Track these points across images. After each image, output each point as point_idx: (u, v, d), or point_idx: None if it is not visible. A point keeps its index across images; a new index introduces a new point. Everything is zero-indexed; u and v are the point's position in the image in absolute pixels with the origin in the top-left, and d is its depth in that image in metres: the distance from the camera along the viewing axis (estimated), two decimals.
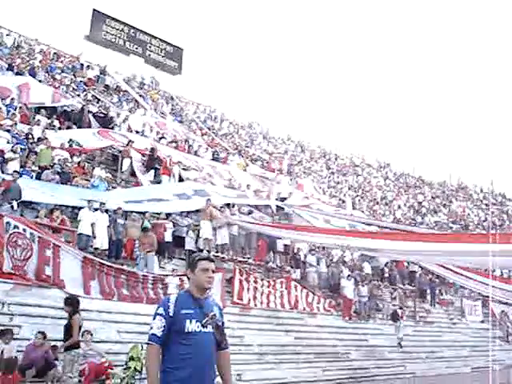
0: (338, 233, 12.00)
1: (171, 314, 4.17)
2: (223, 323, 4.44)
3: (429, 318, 24.55)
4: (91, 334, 11.27)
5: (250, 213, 21.07)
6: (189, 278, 4.49)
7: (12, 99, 21.19)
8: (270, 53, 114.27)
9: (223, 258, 18.20)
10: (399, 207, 40.25)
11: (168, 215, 17.95)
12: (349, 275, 21.48)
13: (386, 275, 24.52)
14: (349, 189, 40.29)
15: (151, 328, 4.19)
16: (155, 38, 41.44)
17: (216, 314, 4.32)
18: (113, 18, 38.86)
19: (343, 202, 34.40)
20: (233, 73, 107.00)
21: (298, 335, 17.65)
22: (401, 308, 22.75)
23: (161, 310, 4.21)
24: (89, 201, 15.03)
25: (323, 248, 22.01)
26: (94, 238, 14.88)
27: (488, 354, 21.73)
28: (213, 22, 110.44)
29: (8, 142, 17.18)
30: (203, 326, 4.20)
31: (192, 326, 4.17)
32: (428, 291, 25.75)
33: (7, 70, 24.77)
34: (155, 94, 37.46)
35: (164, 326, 4.15)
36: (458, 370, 21.21)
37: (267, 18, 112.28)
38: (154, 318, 4.21)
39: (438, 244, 9.16)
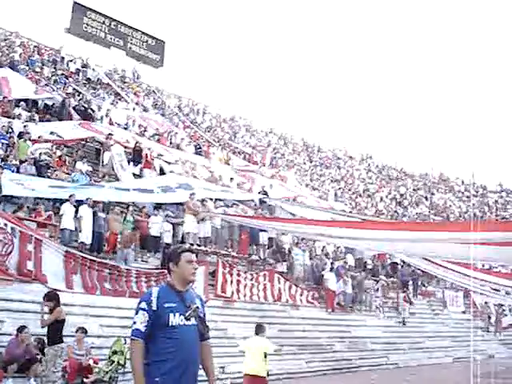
0: (321, 223, 11.99)
1: (154, 308, 4.14)
2: (205, 314, 4.43)
3: (411, 310, 24.72)
4: (85, 332, 11.22)
5: (232, 205, 21.05)
6: (169, 272, 4.46)
7: None
8: (252, 45, 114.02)
9: (206, 251, 18.18)
10: (381, 199, 40.47)
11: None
12: (331, 267, 21.57)
13: (369, 267, 24.64)
14: (331, 181, 40.43)
15: (134, 323, 4.15)
16: (137, 30, 41.25)
17: (198, 305, 4.31)
18: (93, 11, 38.60)
19: (326, 194, 34.53)
20: (215, 66, 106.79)
21: (282, 327, 17.69)
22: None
23: (143, 305, 4.17)
24: (70, 195, 14.91)
25: (306, 240, 22.03)
26: (80, 231, 14.79)
27: (469, 345, 21.99)
28: (194, 14, 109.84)
29: None
30: (186, 318, 4.19)
31: (175, 319, 4.15)
32: (410, 282, 25.93)
33: None
34: (137, 87, 37.25)
35: (147, 321, 4.11)
36: (439, 361, 21.44)
37: (248, 8, 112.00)
38: (137, 313, 4.17)
39: (419, 233, 9.20)
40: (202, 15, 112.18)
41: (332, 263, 22.12)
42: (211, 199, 19.82)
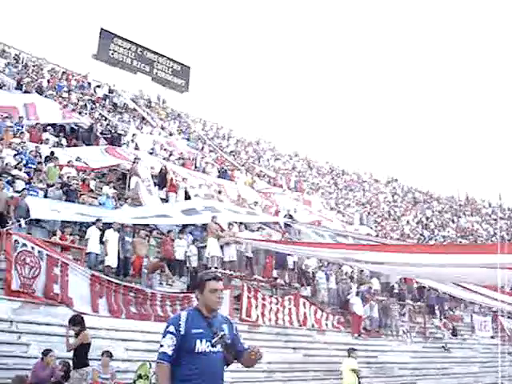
0: (346, 247, 11.92)
1: (182, 333, 4.13)
2: (236, 335, 4.40)
3: (438, 334, 24.34)
4: (110, 356, 11.21)
5: (258, 229, 21.04)
6: (197, 298, 4.44)
7: (20, 117, 21.35)
8: (277, 70, 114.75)
9: (231, 275, 18.14)
10: (408, 222, 40.14)
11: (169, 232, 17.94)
12: (357, 292, 21.37)
13: (396, 291, 24.36)
14: (356, 204, 40.23)
15: (162, 346, 4.14)
16: (162, 56, 41.84)
17: (225, 332, 4.26)
18: (120, 37, 39.30)
19: (351, 218, 34.36)
20: (240, 90, 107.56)
21: (307, 352, 17.53)
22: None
23: (172, 328, 4.16)
24: (97, 219, 15.04)
25: (331, 264, 21.89)
26: (106, 255, 14.89)
27: (498, 370, 21.53)
28: (219, 39, 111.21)
29: (16, 161, 17.30)
30: (212, 345, 4.16)
31: (202, 346, 4.13)
32: (437, 307, 25.55)
33: (16, 88, 25.06)
34: (162, 112, 37.67)
35: (175, 345, 4.10)
36: None
37: (274, 35, 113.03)
38: (165, 336, 4.15)
39: (446, 256, 9.07)
40: (227, 40, 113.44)
41: (358, 287, 21.92)
42: (236, 223, 19.83)
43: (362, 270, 23.12)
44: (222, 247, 18.05)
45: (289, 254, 19.68)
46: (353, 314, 20.60)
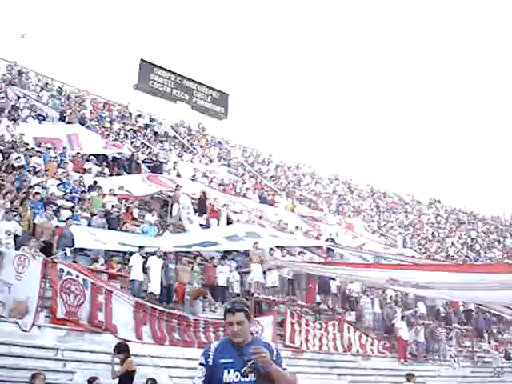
0: (391, 267, 11.76)
1: (210, 364, 4.07)
2: (276, 360, 4.12)
3: (487, 359, 23.68)
4: (155, 383, 11.20)
5: (299, 253, 20.94)
6: None
7: (64, 148, 21.80)
8: (315, 94, 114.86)
9: (274, 300, 18.06)
10: (452, 244, 39.39)
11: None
12: (402, 316, 20.99)
13: (442, 315, 23.84)
14: (399, 227, 39.73)
15: (193, 378, 4.14)
16: (201, 84, 42.35)
17: (255, 361, 3.96)
18: (160, 67, 39.98)
19: (394, 240, 33.93)
20: (279, 115, 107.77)
21: (353, 379, 17.25)
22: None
23: (202, 359, 4.12)
24: (140, 247, 15.19)
25: (375, 288, 21.59)
26: (149, 282, 14.99)
27: None
28: (257, 66, 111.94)
29: (60, 190, 17.65)
30: (243, 375, 4.00)
31: (230, 376, 4.01)
32: (485, 330, 24.90)
33: (59, 120, 25.64)
34: (203, 139, 38.05)
35: (204, 376, 4.06)
36: None
37: (311, 60, 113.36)
38: (197, 368, 4.14)
39: (491, 275, 8.87)
40: (264, 66, 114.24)
41: (402, 311, 21.54)
42: (278, 247, 19.78)
43: (407, 294, 22.74)
44: (264, 272, 18.02)
45: (332, 279, 19.52)
46: (398, 338, 20.22)
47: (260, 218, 23.67)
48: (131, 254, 15.41)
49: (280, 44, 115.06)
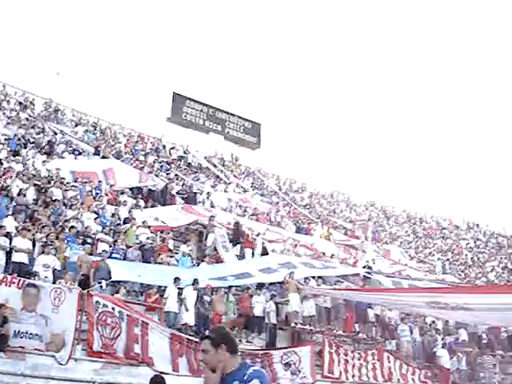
0: (429, 291, 11.50)
1: None
2: None
3: None
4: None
5: (336, 283, 20.68)
6: None
7: (99, 182, 22.08)
8: (348, 120, 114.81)
9: (311, 330, 17.80)
10: (493, 269, 38.53)
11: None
12: (444, 343, 20.46)
13: (484, 341, 23.16)
14: (437, 252, 39.09)
15: None
16: (233, 115, 42.69)
17: None
18: (192, 100, 40.48)
19: (433, 266, 33.37)
20: (311, 143, 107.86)
21: None
22: None
23: None
24: (175, 278, 15.16)
25: (414, 315, 21.13)
26: (187, 311, 14.90)
27: None
28: (288, 94, 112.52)
29: (98, 224, 17.82)
30: None
31: None
32: None
33: (94, 154, 26.04)
34: (236, 170, 38.21)
35: None
36: None
37: (341, 87, 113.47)
38: None
39: None
40: (295, 94, 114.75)
41: (443, 339, 21.00)
42: (314, 277, 19.57)
43: (448, 321, 22.22)
44: (301, 302, 17.82)
45: (369, 307, 19.20)
46: (440, 367, 19.69)
47: (295, 246, 23.51)
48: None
49: (311, 72, 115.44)
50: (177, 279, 15.15)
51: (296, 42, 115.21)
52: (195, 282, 15.38)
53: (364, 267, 23.39)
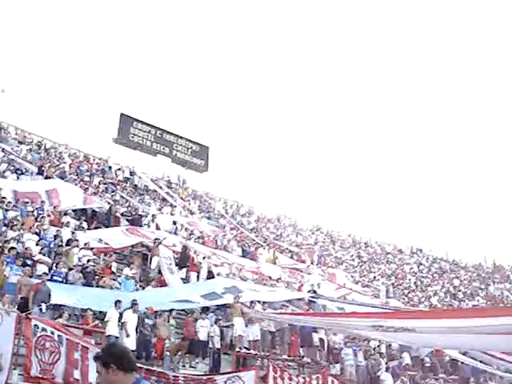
0: (374, 316, 11.57)
1: None
2: None
3: None
4: None
5: (282, 307, 20.65)
6: None
7: (42, 202, 21.56)
8: (295, 146, 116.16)
9: (256, 354, 17.67)
10: (435, 293, 39.29)
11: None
12: (387, 367, 20.61)
13: (427, 365, 23.45)
14: (382, 277, 39.62)
15: None
16: (181, 137, 42.62)
17: None
18: (140, 121, 40.22)
19: (377, 290, 33.77)
20: (259, 167, 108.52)
21: None
22: None
23: None
24: (116, 302, 14.85)
25: (358, 339, 21.24)
26: (128, 336, 14.56)
27: None
28: (236, 118, 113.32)
29: (37, 245, 17.35)
30: None
31: None
32: (472, 379, 24.48)
33: (37, 174, 25.46)
34: (183, 192, 38.02)
35: None
36: None
37: (292, 111, 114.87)
38: None
39: (475, 320, 8.73)
40: (243, 119, 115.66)
41: (387, 363, 21.16)
42: (259, 301, 19.50)
43: (390, 345, 22.42)
44: (246, 326, 17.70)
45: (314, 330, 19.20)
46: None
47: (240, 270, 23.43)
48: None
49: (259, 98, 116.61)
50: (118, 302, 14.82)
51: (242, 66, 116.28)
52: (133, 304, 15.09)
53: (309, 291, 23.45)
